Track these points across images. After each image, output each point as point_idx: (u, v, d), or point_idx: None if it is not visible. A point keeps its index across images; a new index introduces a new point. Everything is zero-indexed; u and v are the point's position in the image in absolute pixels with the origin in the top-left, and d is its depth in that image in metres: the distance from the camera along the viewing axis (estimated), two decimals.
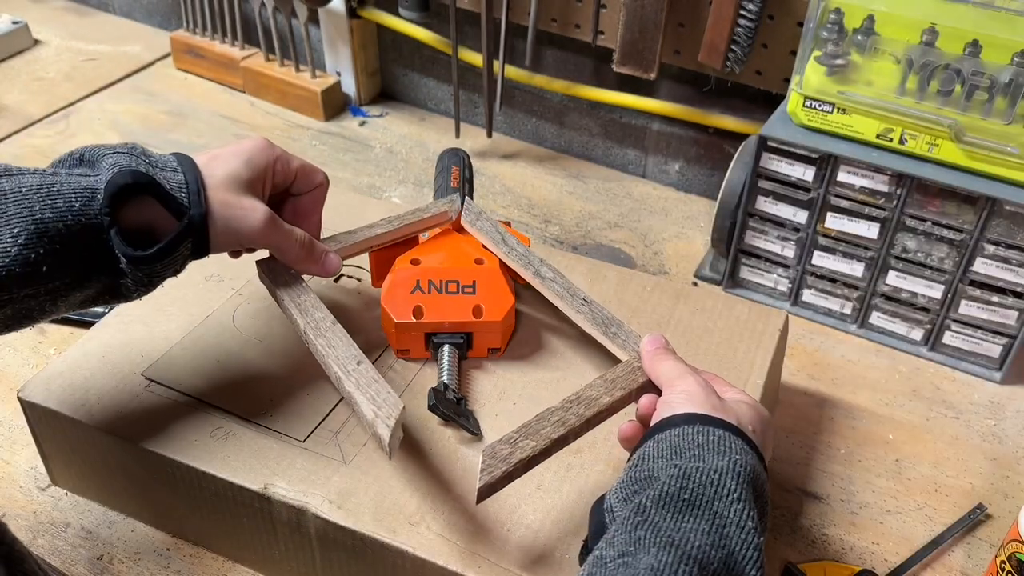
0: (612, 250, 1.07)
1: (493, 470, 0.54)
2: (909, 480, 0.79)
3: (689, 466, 0.48)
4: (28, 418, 0.72)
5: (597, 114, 1.20)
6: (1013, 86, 0.79)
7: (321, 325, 0.63)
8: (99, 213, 0.55)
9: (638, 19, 1.00)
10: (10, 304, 0.54)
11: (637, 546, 0.44)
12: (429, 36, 1.22)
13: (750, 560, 0.45)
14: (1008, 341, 0.88)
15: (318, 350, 0.62)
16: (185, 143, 1.24)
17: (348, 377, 0.59)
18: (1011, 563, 0.64)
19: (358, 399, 0.57)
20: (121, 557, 0.71)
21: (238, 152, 0.63)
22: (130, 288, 0.59)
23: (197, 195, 0.59)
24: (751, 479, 0.49)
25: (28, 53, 1.44)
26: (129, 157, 0.58)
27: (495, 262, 0.74)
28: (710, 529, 0.45)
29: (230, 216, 0.61)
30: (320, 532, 0.62)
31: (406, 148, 1.25)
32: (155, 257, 0.57)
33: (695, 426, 0.51)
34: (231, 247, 0.64)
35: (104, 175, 0.56)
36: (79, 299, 0.58)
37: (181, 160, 0.61)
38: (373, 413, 0.56)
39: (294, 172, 0.67)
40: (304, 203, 0.69)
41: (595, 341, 0.75)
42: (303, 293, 0.66)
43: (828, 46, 0.85)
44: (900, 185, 0.85)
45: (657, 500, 0.47)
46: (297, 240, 0.66)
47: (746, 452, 0.50)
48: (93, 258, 0.56)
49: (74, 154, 0.59)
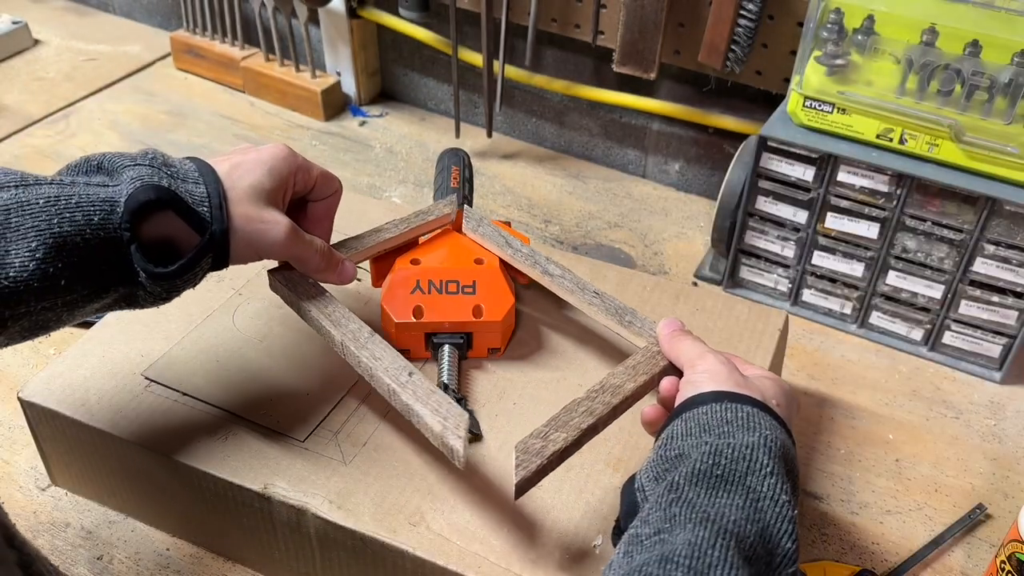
0: (612, 250, 1.07)
1: (528, 464, 0.54)
2: (909, 480, 0.79)
3: (720, 443, 0.49)
4: (28, 418, 0.72)
5: (597, 114, 1.20)
6: (1013, 86, 0.79)
7: (360, 337, 0.62)
8: (119, 227, 0.54)
9: (638, 19, 1.00)
10: (27, 316, 0.53)
11: (673, 523, 0.45)
12: (429, 36, 1.22)
13: (785, 532, 0.45)
14: (1008, 341, 0.88)
15: (362, 362, 0.61)
16: (185, 143, 1.24)
17: (403, 389, 0.58)
18: (1011, 563, 0.64)
19: (419, 411, 0.57)
20: (121, 557, 0.71)
21: (260, 161, 0.61)
22: (147, 298, 0.58)
23: (219, 209, 0.58)
24: (781, 453, 0.49)
25: (28, 53, 1.44)
26: (151, 169, 0.56)
27: (495, 262, 0.74)
28: (744, 504, 0.46)
29: (252, 230, 0.59)
30: (320, 532, 0.62)
31: (406, 148, 1.26)
32: (175, 273, 0.56)
33: (723, 403, 0.52)
34: (250, 260, 0.62)
35: (124, 188, 0.55)
36: (94, 308, 0.57)
37: (202, 170, 0.59)
38: (441, 425, 0.56)
39: (314, 180, 0.66)
40: (319, 209, 0.68)
41: (595, 340, 0.76)
42: (330, 303, 0.65)
43: (828, 46, 0.85)
44: (900, 185, 0.85)
45: (690, 477, 0.47)
46: (317, 250, 0.65)
47: (775, 427, 0.51)
48: (111, 270, 0.55)
49: (91, 161, 0.58)
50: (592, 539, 0.60)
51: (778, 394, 0.56)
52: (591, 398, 0.58)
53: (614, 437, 0.66)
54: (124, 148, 1.22)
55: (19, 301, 0.52)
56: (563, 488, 0.63)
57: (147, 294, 0.58)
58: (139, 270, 0.55)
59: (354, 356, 0.62)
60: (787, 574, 0.45)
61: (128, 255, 0.55)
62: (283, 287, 0.67)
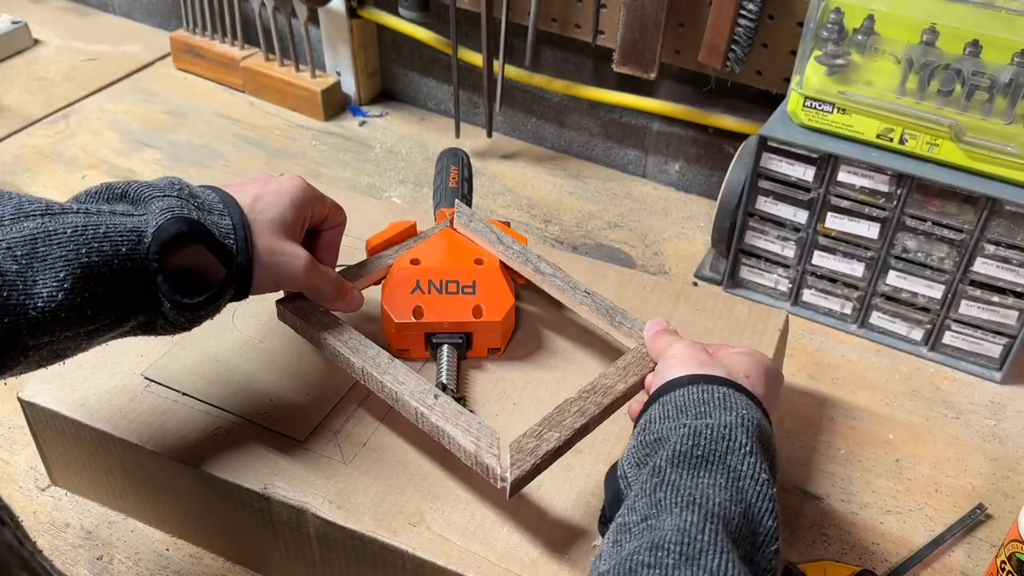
0: (612, 250, 1.07)
1: (522, 463, 0.55)
2: (909, 480, 0.79)
3: (698, 423, 0.50)
4: (28, 418, 0.72)
5: (597, 114, 1.20)
6: (1013, 86, 0.79)
7: (380, 362, 0.63)
8: (146, 258, 0.54)
9: (638, 19, 1.00)
10: (48, 346, 0.53)
11: (659, 508, 0.45)
12: (429, 36, 1.22)
13: (766, 511, 0.46)
14: (1008, 341, 0.88)
15: (385, 387, 0.61)
16: (185, 143, 1.24)
17: (432, 412, 0.59)
18: (1011, 563, 0.64)
19: (451, 432, 0.58)
20: (121, 557, 0.71)
21: (281, 194, 0.62)
22: (166, 327, 0.58)
23: (244, 241, 0.58)
24: (758, 432, 0.50)
25: (28, 53, 1.44)
26: (179, 201, 0.56)
27: (495, 262, 0.74)
28: (726, 484, 0.46)
29: (274, 263, 0.60)
30: (320, 532, 0.62)
31: (406, 148, 1.25)
32: (201, 305, 0.57)
33: (698, 385, 0.53)
34: (269, 291, 0.63)
35: (153, 219, 0.55)
36: (112, 336, 0.57)
37: (226, 201, 0.59)
38: (475, 445, 0.56)
39: (327, 211, 0.67)
40: (327, 238, 0.69)
41: (595, 340, 0.76)
42: (345, 331, 0.66)
43: (828, 46, 0.85)
44: (900, 185, 0.85)
45: (671, 459, 0.48)
46: (331, 281, 0.66)
47: (750, 407, 0.52)
48: (134, 299, 0.55)
49: (114, 188, 0.58)
50: (591, 539, 0.60)
51: (748, 366, 0.56)
52: (583, 398, 0.59)
53: (613, 437, 0.66)
54: (124, 148, 1.22)
55: (44, 331, 0.51)
56: (563, 488, 0.63)
57: (167, 323, 0.58)
58: (164, 300, 0.56)
59: (377, 381, 0.62)
60: (770, 551, 0.45)
61: (153, 285, 0.55)
62: (294, 317, 0.67)
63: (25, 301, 0.50)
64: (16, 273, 0.50)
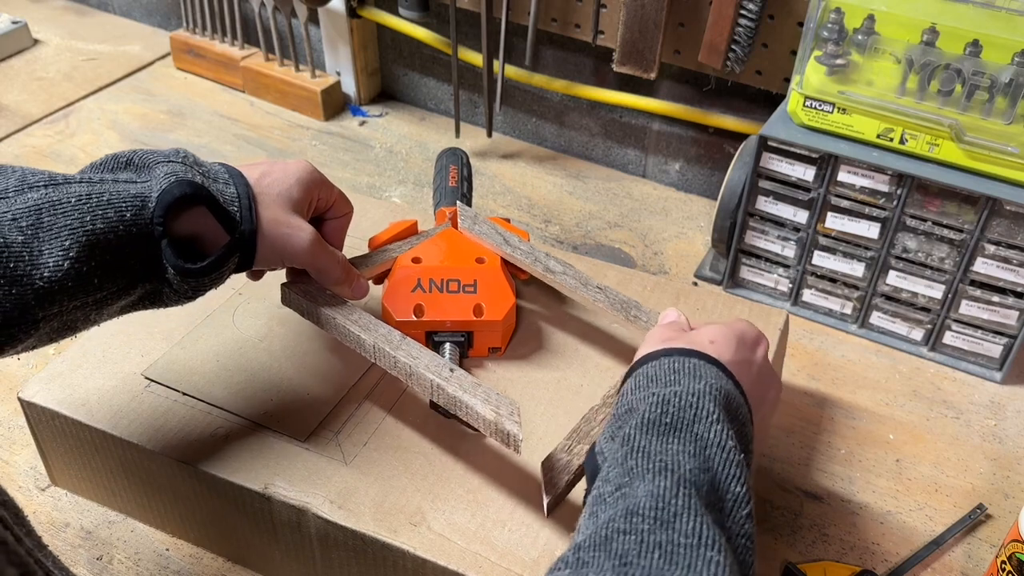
0: (612, 250, 1.07)
1: (557, 482, 0.56)
2: (909, 480, 0.79)
3: (667, 391, 0.50)
4: (28, 418, 0.72)
5: (597, 114, 1.20)
6: (1013, 86, 0.79)
7: (392, 339, 0.63)
8: (151, 223, 0.55)
9: (638, 19, 1.00)
10: (58, 316, 0.53)
11: (632, 475, 0.45)
12: (429, 36, 1.22)
13: (734, 477, 0.46)
14: (1008, 341, 0.88)
15: (399, 362, 0.61)
16: (185, 143, 1.24)
17: (448, 383, 0.59)
18: (1011, 563, 0.64)
19: (470, 402, 0.58)
20: (121, 557, 0.71)
21: (288, 172, 0.63)
22: (172, 296, 0.59)
23: (248, 210, 0.59)
24: (725, 401, 0.51)
25: (28, 53, 1.44)
26: (183, 167, 0.57)
27: (496, 261, 0.74)
28: (695, 451, 0.47)
29: (279, 234, 0.61)
30: (320, 532, 0.62)
31: (406, 148, 1.25)
32: (204, 271, 0.57)
33: (671, 357, 0.54)
34: (274, 265, 0.63)
35: (156, 183, 0.55)
36: (121, 306, 0.58)
37: (231, 172, 0.60)
38: (495, 413, 0.56)
39: (334, 198, 0.68)
40: (333, 227, 0.69)
41: (596, 339, 0.76)
42: (354, 311, 0.65)
43: (828, 46, 0.85)
44: (900, 185, 0.85)
45: (640, 426, 0.48)
46: (339, 262, 0.66)
47: (720, 377, 0.52)
48: (140, 266, 0.56)
49: (120, 157, 0.58)
50: None
51: (715, 333, 0.57)
52: (607, 404, 0.59)
53: None
54: (124, 148, 1.22)
55: (52, 301, 0.52)
56: None
57: (172, 291, 0.58)
58: (168, 266, 0.56)
59: (390, 357, 0.62)
60: (741, 515, 0.45)
61: (158, 250, 0.56)
62: (300, 298, 0.67)
63: (32, 271, 0.51)
64: (22, 244, 0.51)
